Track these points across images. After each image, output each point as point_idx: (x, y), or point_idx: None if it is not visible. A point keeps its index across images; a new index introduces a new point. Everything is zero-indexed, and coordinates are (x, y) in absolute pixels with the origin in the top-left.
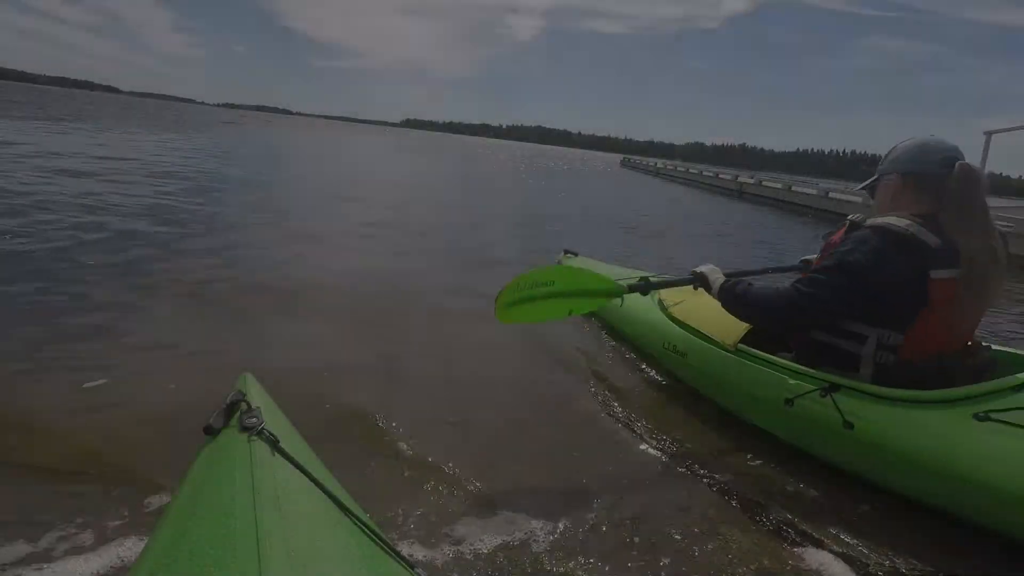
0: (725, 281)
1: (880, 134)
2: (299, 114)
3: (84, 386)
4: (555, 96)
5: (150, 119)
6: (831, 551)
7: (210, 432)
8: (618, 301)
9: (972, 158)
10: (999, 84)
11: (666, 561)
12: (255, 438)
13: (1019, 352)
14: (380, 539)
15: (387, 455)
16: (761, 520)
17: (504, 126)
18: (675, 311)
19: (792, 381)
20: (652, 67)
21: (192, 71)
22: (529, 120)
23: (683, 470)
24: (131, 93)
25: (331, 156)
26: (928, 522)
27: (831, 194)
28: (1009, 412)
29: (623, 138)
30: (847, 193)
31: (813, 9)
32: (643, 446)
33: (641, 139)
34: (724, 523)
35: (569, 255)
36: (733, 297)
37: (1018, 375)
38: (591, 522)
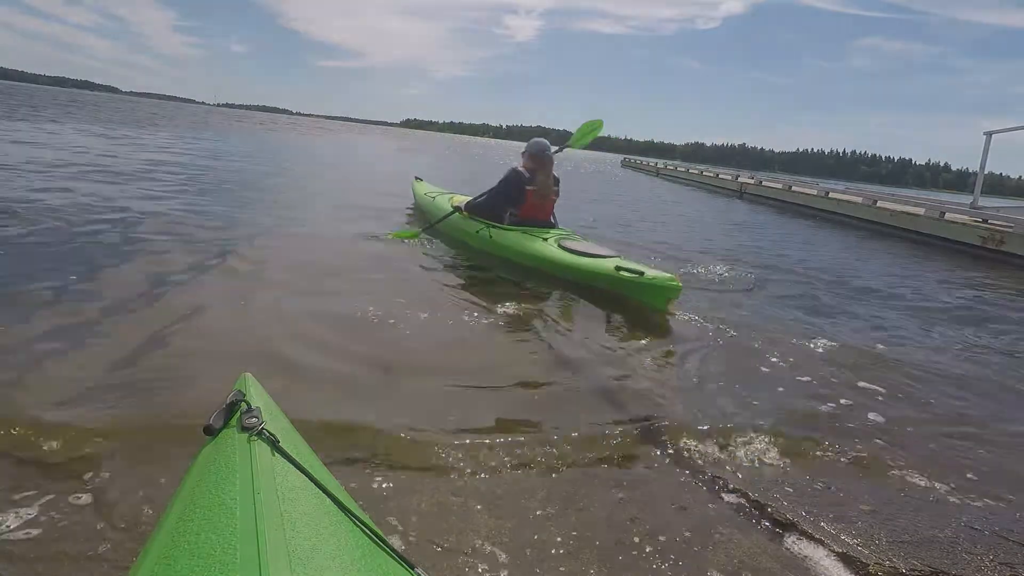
0: (469, 206)
1: (880, 134)
2: (299, 114)
3: (82, 387)
4: (555, 96)
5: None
6: (831, 551)
7: (210, 432)
8: (433, 193)
9: (972, 158)
10: (999, 84)
11: (666, 561)
12: (255, 438)
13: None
14: (380, 539)
15: (387, 455)
16: (761, 520)
17: (504, 126)
18: (456, 205)
19: (480, 225)
20: (651, 67)
21: (192, 71)
22: (529, 120)
23: (682, 469)
24: (131, 93)
25: (338, 156)
26: (928, 522)
27: (831, 194)
28: (552, 237)
29: (623, 138)
30: (847, 193)
31: (810, 10)
32: (643, 444)
33: (641, 139)
34: (724, 523)
35: (418, 179)
36: (474, 211)
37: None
38: (592, 521)
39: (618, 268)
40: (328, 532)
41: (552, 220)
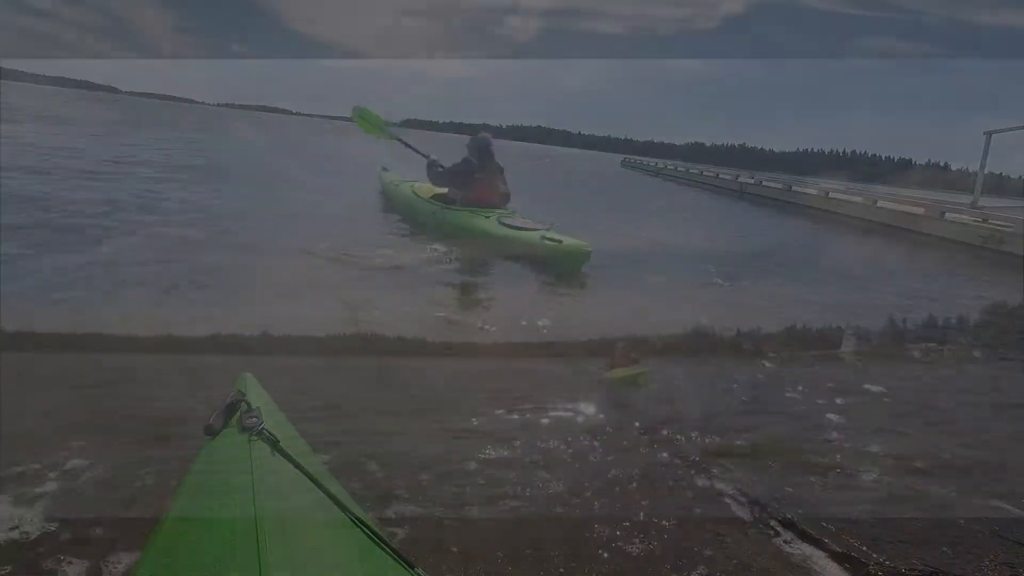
0: (430, 163)
1: (880, 134)
2: (299, 114)
3: (82, 386)
4: (555, 96)
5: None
6: (831, 551)
7: (210, 432)
8: (397, 181)
9: (972, 158)
10: (999, 84)
11: (666, 561)
12: (255, 438)
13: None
14: (380, 539)
15: (387, 454)
16: (761, 520)
17: (504, 126)
18: (416, 191)
19: (436, 205)
20: (652, 67)
21: (192, 71)
22: (529, 120)
23: (681, 468)
24: (130, 93)
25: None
26: (927, 521)
27: (831, 194)
28: (494, 216)
29: (623, 138)
30: (847, 193)
31: (810, 10)
32: (643, 444)
33: (641, 139)
34: (724, 523)
35: (384, 169)
36: (429, 170)
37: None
38: (591, 522)
39: (543, 237)
40: (328, 532)
41: (497, 203)
